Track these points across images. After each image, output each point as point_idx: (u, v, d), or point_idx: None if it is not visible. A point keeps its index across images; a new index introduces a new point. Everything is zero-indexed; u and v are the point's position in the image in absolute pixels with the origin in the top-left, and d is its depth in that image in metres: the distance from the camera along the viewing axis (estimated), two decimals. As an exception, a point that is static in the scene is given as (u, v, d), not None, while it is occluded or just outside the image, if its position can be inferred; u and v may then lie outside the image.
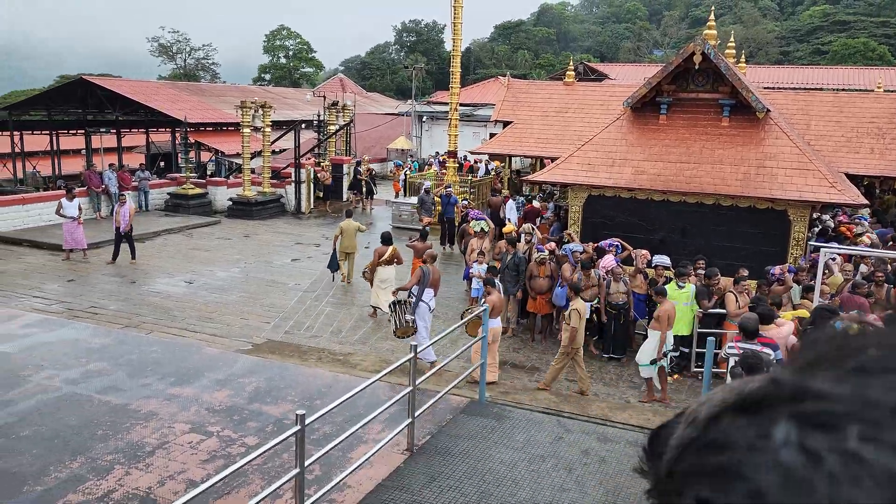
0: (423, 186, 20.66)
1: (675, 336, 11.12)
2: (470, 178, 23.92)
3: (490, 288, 10.70)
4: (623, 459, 7.94)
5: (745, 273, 11.45)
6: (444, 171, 25.31)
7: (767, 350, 7.69)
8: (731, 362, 7.74)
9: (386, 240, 13.46)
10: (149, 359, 10.30)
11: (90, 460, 7.41)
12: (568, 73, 22.37)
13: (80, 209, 17.43)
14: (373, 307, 13.41)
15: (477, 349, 10.13)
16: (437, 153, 33.23)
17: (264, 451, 5.74)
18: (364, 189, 25.66)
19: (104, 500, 6.72)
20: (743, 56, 24.96)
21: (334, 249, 15.54)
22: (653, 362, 10.19)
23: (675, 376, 11.01)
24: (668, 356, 10.30)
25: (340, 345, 12.13)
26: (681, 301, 11.06)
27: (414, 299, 11.21)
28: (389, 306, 11.45)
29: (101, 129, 30.17)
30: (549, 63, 73.08)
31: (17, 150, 28.04)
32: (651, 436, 0.87)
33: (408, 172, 27.21)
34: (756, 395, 0.50)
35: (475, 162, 30.00)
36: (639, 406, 10.15)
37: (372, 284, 13.43)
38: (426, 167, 29.45)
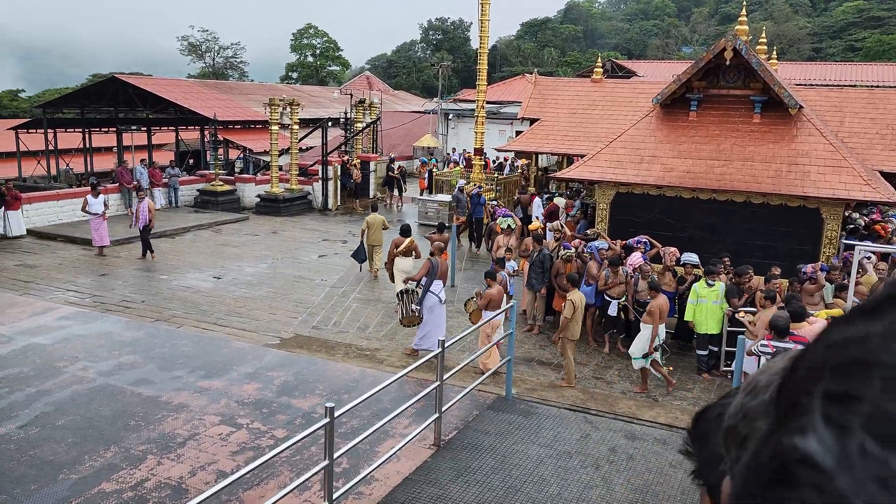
0: (458, 185, 20.66)
1: (704, 335, 11.02)
2: (496, 175, 23.86)
3: (491, 281, 10.82)
4: (651, 457, 7.89)
5: (777, 272, 11.30)
6: (467, 168, 25.36)
7: (800, 347, 7.57)
8: (763, 360, 7.63)
9: (405, 231, 13.75)
10: (179, 352, 10.45)
11: (123, 450, 7.55)
12: (596, 69, 22.22)
13: (105, 205, 17.58)
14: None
15: (484, 337, 10.45)
16: (453, 150, 33.18)
17: (294, 443, 5.80)
18: (395, 186, 25.84)
19: (137, 489, 6.84)
20: (774, 52, 24.60)
21: (361, 242, 16.00)
22: (645, 356, 10.27)
23: (669, 368, 10.98)
24: (661, 349, 10.41)
25: (367, 340, 12.20)
26: (710, 300, 10.95)
27: (422, 290, 11.33)
28: (397, 295, 11.59)
29: (132, 127, 30.63)
30: (575, 61, 72.65)
31: (50, 147, 28.58)
32: (696, 417, 0.87)
33: (434, 170, 27.26)
34: (874, 300, 0.48)
35: (496, 160, 30.04)
36: (667, 404, 10.07)
37: (392, 277, 13.71)
38: (449, 165, 29.51)
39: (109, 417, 8.28)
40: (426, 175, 26.83)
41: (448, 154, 33.89)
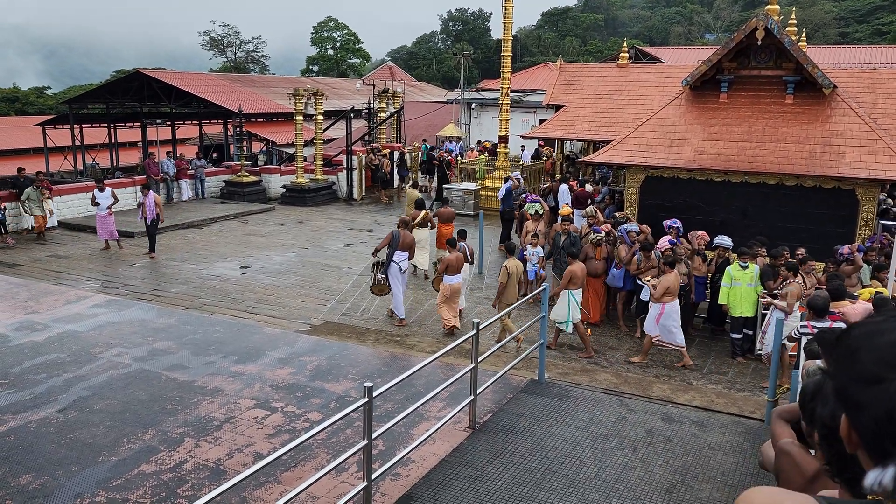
0: (513, 175, 20.36)
1: (739, 318, 10.86)
2: (521, 164, 23.72)
3: (450, 248, 11.93)
4: (689, 439, 7.79)
5: (803, 251, 11.18)
6: (486, 156, 25.17)
7: (840, 325, 7.43)
8: (804, 341, 7.49)
9: (419, 205, 15.11)
10: (212, 338, 10.51)
11: (161, 433, 7.60)
12: (622, 54, 21.99)
13: (114, 198, 17.22)
14: (413, 266, 14.13)
15: (441, 298, 11.73)
16: (458, 140, 32.85)
17: (333, 423, 5.77)
18: (436, 173, 25.59)
19: (176, 471, 6.88)
20: (804, 35, 24.15)
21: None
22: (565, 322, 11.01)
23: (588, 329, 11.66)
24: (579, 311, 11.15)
25: (397, 327, 12.18)
26: (744, 282, 10.79)
27: (386, 260, 12.36)
28: (371, 266, 12.78)
29: (157, 121, 30.88)
30: (597, 49, 72.00)
31: (77, 142, 28.90)
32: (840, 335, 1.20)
33: (458, 158, 27.18)
34: None
35: (492, 145, 30.04)
36: (702, 388, 9.95)
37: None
38: (468, 153, 29.37)
39: (146, 402, 8.34)
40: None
41: (451, 144, 33.62)
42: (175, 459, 7.08)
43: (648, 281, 11.23)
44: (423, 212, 14.78)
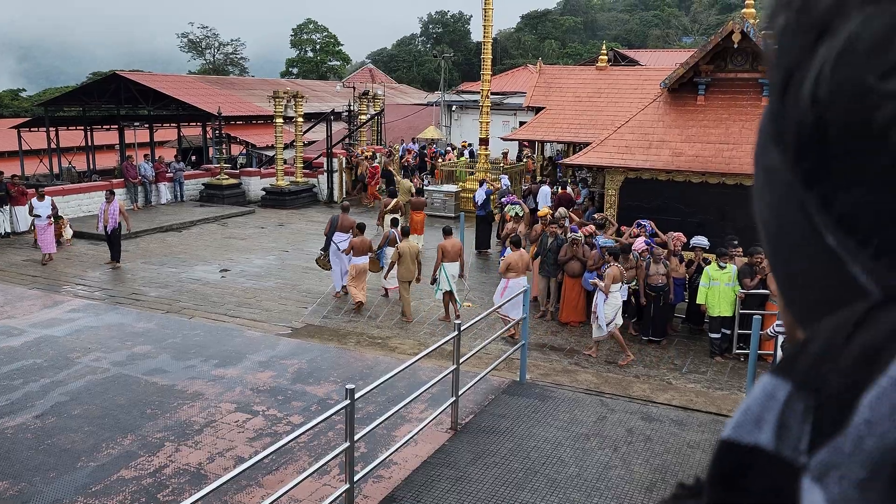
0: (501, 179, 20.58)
1: (717, 317, 10.98)
2: (502, 165, 23.80)
3: (357, 231, 13.20)
4: (669, 438, 7.87)
5: None
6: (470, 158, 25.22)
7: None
8: (780, 340, 7.61)
9: (392, 193, 17.92)
10: (192, 342, 10.44)
11: (140, 438, 7.54)
12: (601, 57, 22.16)
13: (53, 207, 16.33)
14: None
15: (352, 284, 13.03)
16: (421, 142, 32.88)
17: (315, 426, 5.78)
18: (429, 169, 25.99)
19: (156, 476, 6.83)
20: (779, 38, 24.48)
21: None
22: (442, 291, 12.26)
23: (469, 304, 13.18)
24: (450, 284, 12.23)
25: (378, 329, 12.18)
26: (723, 282, 10.92)
27: (325, 240, 13.95)
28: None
29: (134, 124, 30.58)
30: (576, 52, 72.42)
31: (52, 145, 28.54)
32: None
33: (439, 160, 27.21)
34: None
35: (461, 147, 30.35)
36: (681, 387, 10.05)
37: (382, 223, 16.47)
38: (447, 156, 29.47)
39: (125, 406, 8.28)
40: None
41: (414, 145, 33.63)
42: (155, 464, 7.03)
43: (594, 280, 11.31)
44: (395, 199, 16.73)
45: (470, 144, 30.98)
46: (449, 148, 31.01)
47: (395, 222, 14.01)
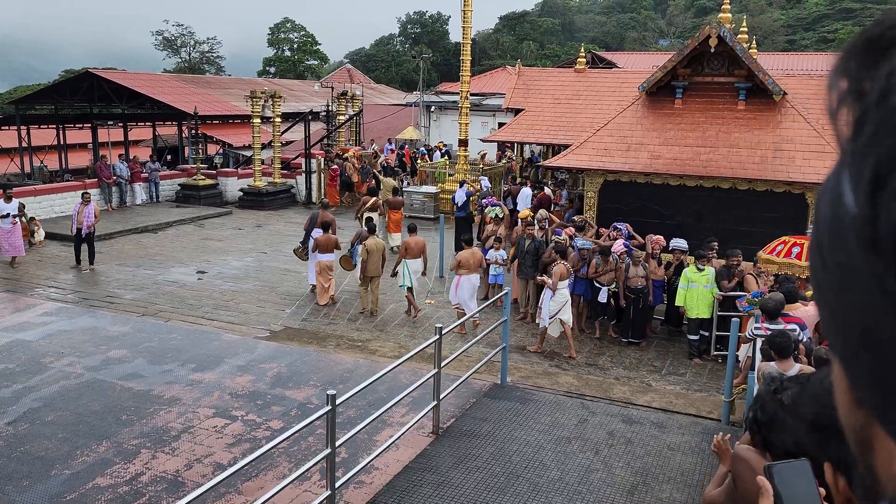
0: (481, 181, 20.60)
1: (695, 319, 11.06)
2: (482, 167, 23.80)
3: (323, 231, 13.67)
4: (649, 440, 7.91)
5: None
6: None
7: (793, 327, 7.62)
8: (759, 343, 7.67)
9: (372, 192, 17.81)
10: (169, 346, 10.29)
11: (116, 444, 7.41)
12: (579, 59, 22.24)
13: (20, 208, 15.76)
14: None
15: (319, 280, 13.42)
16: (400, 142, 32.83)
17: (296, 432, 5.71)
18: (409, 169, 26.04)
19: (132, 483, 6.71)
20: (754, 42, 24.79)
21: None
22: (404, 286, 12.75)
23: (430, 301, 13.77)
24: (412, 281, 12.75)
25: (358, 332, 12.11)
26: (701, 284, 11.00)
27: (304, 234, 14.47)
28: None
29: (108, 123, 30.12)
30: (554, 54, 72.77)
31: (24, 144, 28.02)
32: None
33: (419, 161, 27.17)
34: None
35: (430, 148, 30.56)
36: (661, 389, 10.10)
37: (361, 221, 16.48)
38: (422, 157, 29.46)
39: (100, 412, 8.13)
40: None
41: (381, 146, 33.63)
42: (131, 472, 6.91)
43: (541, 277, 11.68)
44: (374, 198, 17.11)
45: (446, 145, 30.99)
46: (424, 150, 31.00)
47: (369, 220, 14.16)
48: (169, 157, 31.05)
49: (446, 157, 27.34)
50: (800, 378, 1.99)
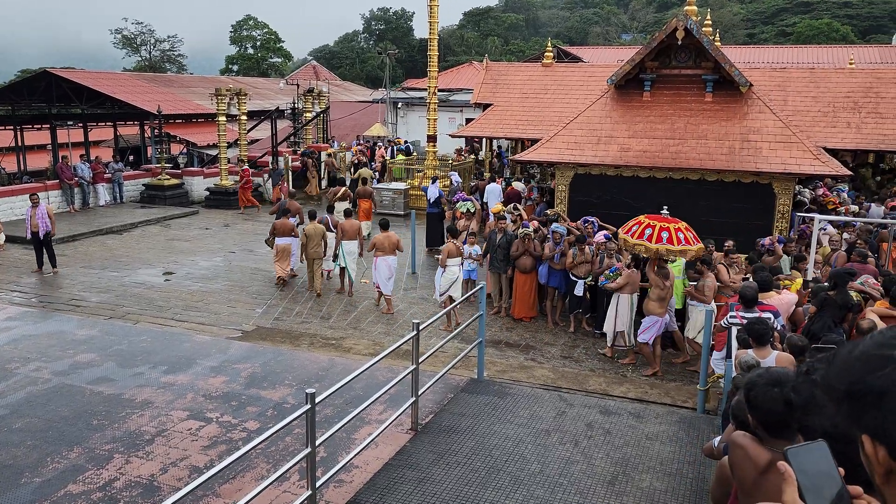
0: (451, 175, 20.66)
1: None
2: (451, 162, 23.77)
3: (282, 215, 14.73)
4: (627, 431, 7.94)
5: (731, 244, 11.55)
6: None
7: (767, 315, 7.72)
8: (734, 331, 7.76)
9: (340, 182, 19.14)
10: (138, 348, 10.07)
11: (87, 450, 7.22)
12: (546, 54, 22.32)
13: None
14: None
15: (276, 262, 14.43)
16: (371, 139, 32.72)
17: (276, 432, 5.59)
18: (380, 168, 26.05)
19: (106, 490, 6.54)
20: (718, 35, 25.12)
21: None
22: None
23: (365, 280, 14.25)
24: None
25: (332, 329, 11.99)
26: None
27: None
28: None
29: (68, 123, 29.41)
30: (519, 49, 73.05)
31: (-20, 145, 27.23)
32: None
33: (386, 158, 27.02)
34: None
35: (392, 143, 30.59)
36: (635, 379, 10.18)
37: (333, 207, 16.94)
38: (377, 151, 29.37)
39: (69, 418, 7.91)
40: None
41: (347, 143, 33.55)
42: (104, 477, 6.73)
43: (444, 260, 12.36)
44: (343, 188, 17.94)
45: (406, 141, 30.98)
46: (381, 145, 30.87)
47: (330, 209, 15.55)
48: (131, 157, 30.44)
49: (405, 153, 27.27)
50: (825, 357, 1.98)
